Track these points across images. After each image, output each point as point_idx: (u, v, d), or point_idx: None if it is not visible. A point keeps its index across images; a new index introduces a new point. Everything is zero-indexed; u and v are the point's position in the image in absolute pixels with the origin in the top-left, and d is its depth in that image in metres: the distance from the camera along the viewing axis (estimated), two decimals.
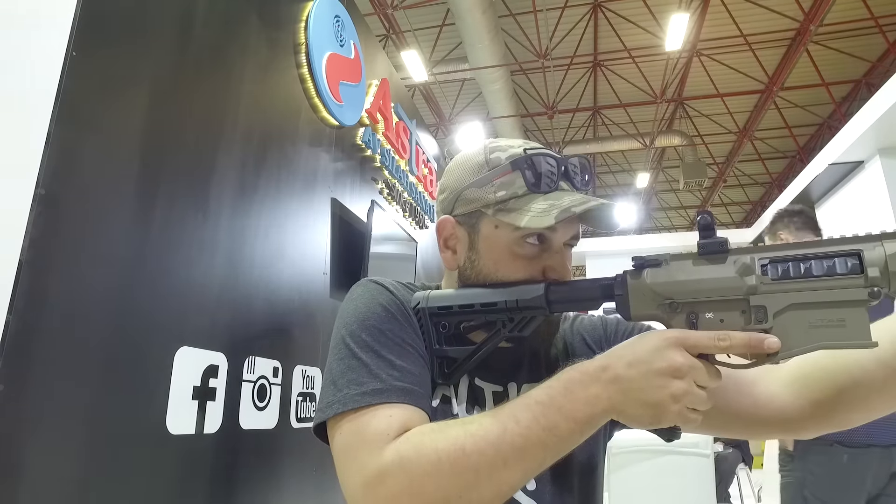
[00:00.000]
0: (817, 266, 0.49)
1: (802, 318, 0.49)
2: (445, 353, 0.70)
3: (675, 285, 0.54)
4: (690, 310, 0.53)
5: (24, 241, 1.09)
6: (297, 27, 2.29)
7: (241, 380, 1.67)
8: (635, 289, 0.56)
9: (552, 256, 0.72)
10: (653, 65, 9.48)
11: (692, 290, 0.53)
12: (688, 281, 0.54)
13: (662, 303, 0.54)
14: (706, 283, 0.53)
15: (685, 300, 0.54)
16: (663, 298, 0.54)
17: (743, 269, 0.52)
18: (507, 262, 0.72)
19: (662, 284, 0.55)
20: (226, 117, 1.78)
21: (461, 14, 7.19)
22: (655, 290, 0.55)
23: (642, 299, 0.56)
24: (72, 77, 1.20)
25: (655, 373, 0.52)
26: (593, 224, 0.75)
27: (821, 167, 5.28)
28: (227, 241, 1.70)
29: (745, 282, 0.52)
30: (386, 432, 0.59)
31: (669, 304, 0.54)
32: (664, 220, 16.27)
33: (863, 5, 7.85)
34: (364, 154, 2.90)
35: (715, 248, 0.54)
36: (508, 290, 0.67)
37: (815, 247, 0.50)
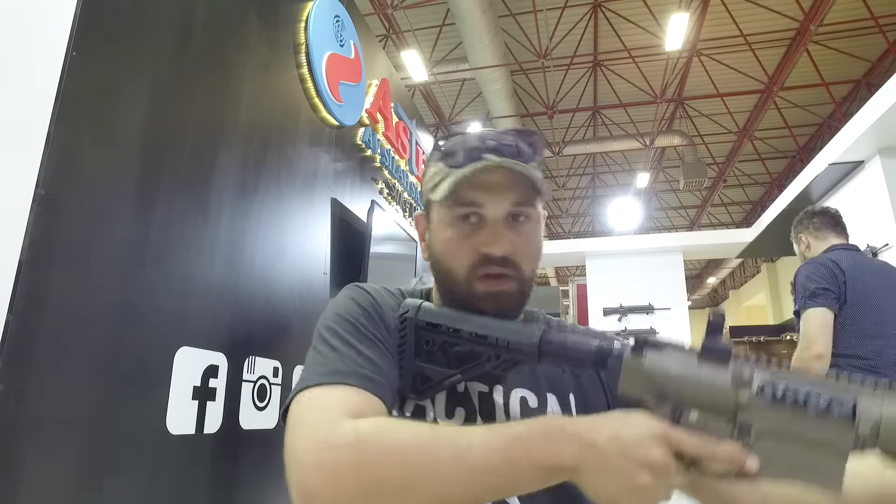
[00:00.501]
0: (813, 401, 0.49)
1: (783, 447, 0.49)
2: (422, 369, 0.69)
3: (671, 378, 0.53)
4: (677, 405, 0.53)
5: (24, 241, 1.09)
6: (297, 27, 2.29)
7: (241, 380, 1.67)
8: (630, 368, 0.55)
9: (484, 231, 0.71)
10: (653, 65, 9.49)
11: (686, 388, 0.52)
12: (684, 377, 0.53)
13: (652, 389, 0.54)
14: (702, 385, 0.52)
15: (676, 394, 0.53)
16: (655, 386, 0.53)
17: (740, 381, 0.51)
18: (447, 242, 0.74)
19: (659, 373, 0.54)
20: (226, 117, 1.78)
21: (461, 14, 7.19)
22: (650, 375, 0.54)
23: (633, 380, 0.55)
24: (72, 77, 1.20)
25: (633, 459, 0.51)
26: (521, 191, 0.72)
27: (821, 167, 5.28)
28: (228, 240, 1.70)
29: (738, 395, 0.51)
30: (339, 408, 0.60)
31: (659, 393, 0.53)
32: (664, 220, 16.27)
33: (863, 5, 7.85)
34: (364, 154, 2.90)
35: (718, 355, 0.53)
36: (504, 326, 0.66)
37: (821, 383, 0.50)
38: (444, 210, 0.74)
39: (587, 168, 13.80)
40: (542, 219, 0.78)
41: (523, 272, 0.73)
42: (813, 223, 2.36)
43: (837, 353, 2.02)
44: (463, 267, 0.72)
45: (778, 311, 15.34)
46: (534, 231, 0.75)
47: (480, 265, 0.71)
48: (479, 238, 0.71)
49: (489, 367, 0.66)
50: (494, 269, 0.71)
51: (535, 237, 0.75)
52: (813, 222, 2.37)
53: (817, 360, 1.93)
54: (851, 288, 2.05)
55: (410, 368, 0.69)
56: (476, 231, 0.72)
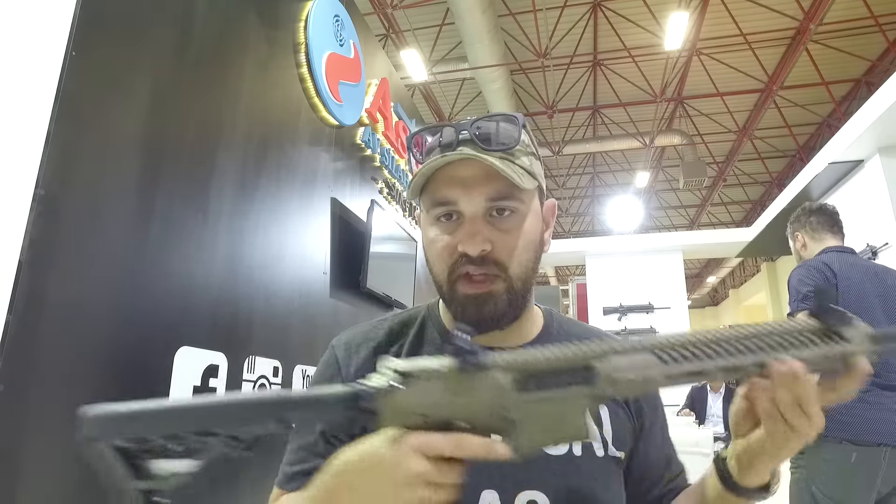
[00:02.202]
0: (560, 379, 0.54)
1: (544, 422, 0.54)
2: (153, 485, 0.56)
3: (431, 405, 0.54)
4: (447, 421, 0.54)
5: (24, 241, 1.09)
6: (297, 26, 2.29)
7: (241, 379, 1.67)
8: (390, 407, 0.54)
9: (463, 229, 0.67)
10: (652, 64, 9.48)
11: (447, 409, 0.54)
12: (442, 402, 0.54)
13: (418, 417, 0.54)
14: (461, 404, 0.54)
15: (441, 416, 0.54)
16: (418, 415, 0.54)
17: (497, 387, 0.54)
18: (430, 244, 0.71)
19: (419, 404, 0.54)
20: (225, 117, 1.77)
21: (461, 13, 7.19)
22: (411, 409, 0.54)
23: (398, 415, 0.54)
24: (71, 77, 1.20)
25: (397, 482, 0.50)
26: (497, 185, 0.66)
27: (821, 166, 5.28)
28: (228, 240, 1.70)
29: (499, 400, 0.54)
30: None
31: (424, 418, 0.54)
32: (664, 220, 16.27)
33: (862, 4, 7.85)
34: (364, 154, 2.90)
35: (472, 368, 0.54)
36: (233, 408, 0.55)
37: (562, 359, 0.54)
38: (425, 211, 0.71)
39: (587, 167, 13.80)
40: (534, 211, 0.72)
41: (510, 270, 0.67)
42: (810, 222, 2.35)
43: None
44: (444, 269, 0.69)
45: (778, 311, 15.34)
46: (521, 225, 0.69)
47: (460, 265, 0.67)
48: (458, 236, 0.67)
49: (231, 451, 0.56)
50: (472, 269, 0.66)
51: (525, 232, 0.69)
52: (810, 221, 2.35)
53: None
54: (843, 291, 2.06)
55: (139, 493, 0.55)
56: (456, 229, 0.68)
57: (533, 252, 0.71)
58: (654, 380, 0.53)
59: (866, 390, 1.93)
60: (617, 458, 0.69)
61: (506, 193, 0.67)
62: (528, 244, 0.70)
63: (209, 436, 0.54)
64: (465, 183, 0.67)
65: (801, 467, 2.03)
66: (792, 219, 2.44)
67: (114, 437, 0.54)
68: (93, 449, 0.53)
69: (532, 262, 0.71)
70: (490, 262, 0.66)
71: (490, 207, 0.67)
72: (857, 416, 1.91)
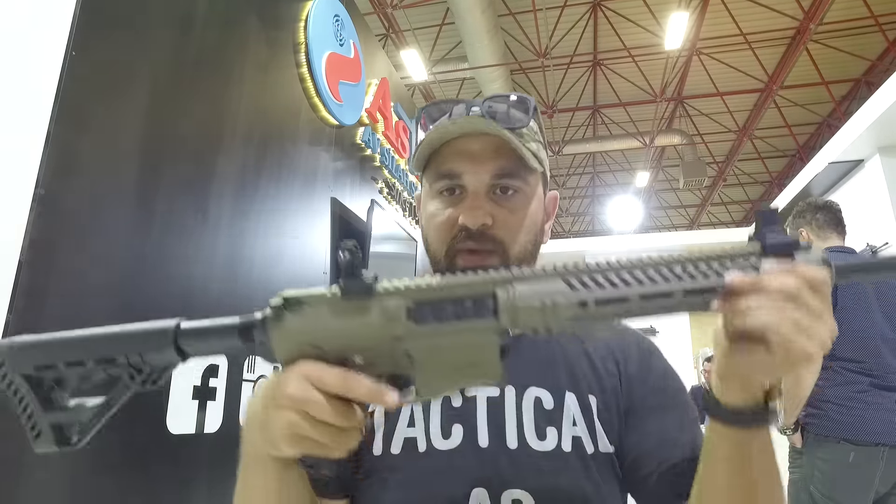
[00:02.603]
0: (458, 309, 0.50)
1: (443, 361, 0.50)
2: (60, 417, 0.56)
3: (321, 332, 0.51)
4: (341, 354, 0.51)
5: (23, 241, 1.09)
6: (297, 26, 2.29)
7: (241, 379, 1.67)
8: (280, 335, 0.52)
9: (464, 202, 0.66)
10: (652, 64, 9.48)
11: (337, 339, 0.51)
12: (331, 329, 0.51)
13: (310, 348, 0.51)
14: (351, 331, 0.51)
15: (333, 347, 0.51)
16: (310, 345, 0.51)
17: (388, 314, 0.50)
18: (429, 218, 0.69)
19: (308, 332, 0.51)
20: (225, 117, 1.77)
21: (461, 13, 7.19)
22: (301, 337, 0.51)
23: (289, 344, 0.52)
24: (71, 77, 1.20)
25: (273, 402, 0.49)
26: (505, 161, 0.66)
27: (821, 166, 5.28)
28: (227, 239, 1.70)
29: (390, 329, 0.50)
30: None
31: (318, 350, 0.51)
32: (664, 220, 16.27)
33: (862, 4, 7.85)
34: (364, 153, 2.90)
35: (358, 292, 0.51)
36: (129, 334, 0.56)
37: (462, 286, 0.50)
38: (427, 185, 0.71)
39: (587, 167, 13.79)
40: (538, 197, 0.71)
41: (509, 249, 0.66)
42: (816, 219, 2.25)
43: (829, 356, 2.02)
44: (442, 242, 0.67)
45: None
46: (524, 206, 0.68)
47: (459, 240, 0.66)
48: (459, 210, 0.66)
49: (136, 385, 0.56)
50: (471, 244, 0.65)
51: (527, 213, 0.68)
52: (816, 218, 2.26)
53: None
54: (842, 291, 2.05)
55: (46, 424, 0.56)
56: (457, 203, 0.67)
57: (534, 236, 0.70)
58: (561, 307, 0.48)
59: (864, 390, 1.93)
60: (609, 454, 0.65)
61: (512, 171, 0.66)
62: (530, 226, 0.68)
63: (111, 365, 0.54)
64: (472, 156, 0.66)
65: (800, 467, 2.03)
66: (795, 213, 2.36)
67: (21, 365, 0.55)
68: (4, 381, 0.55)
69: (532, 245, 0.69)
70: (490, 238, 0.65)
71: (494, 184, 0.66)
72: (855, 416, 1.91)
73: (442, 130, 0.66)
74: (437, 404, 0.67)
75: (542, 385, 0.67)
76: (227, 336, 0.55)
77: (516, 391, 0.66)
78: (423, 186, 0.73)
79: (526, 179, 0.68)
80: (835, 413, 1.93)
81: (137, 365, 0.55)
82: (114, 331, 0.56)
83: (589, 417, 0.66)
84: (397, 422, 0.66)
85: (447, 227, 0.67)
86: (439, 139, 0.67)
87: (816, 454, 1.97)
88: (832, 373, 1.95)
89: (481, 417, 0.65)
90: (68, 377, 0.56)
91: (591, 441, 0.65)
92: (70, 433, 0.56)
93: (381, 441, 0.66)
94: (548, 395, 0.66)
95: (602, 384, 0.68)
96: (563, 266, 0.50)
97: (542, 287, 0.49)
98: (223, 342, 0.55)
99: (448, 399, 0.67)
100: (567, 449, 0.64)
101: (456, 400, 0.66)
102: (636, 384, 0.69)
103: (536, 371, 0.68)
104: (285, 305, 0.52)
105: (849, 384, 1.95)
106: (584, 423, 0.65)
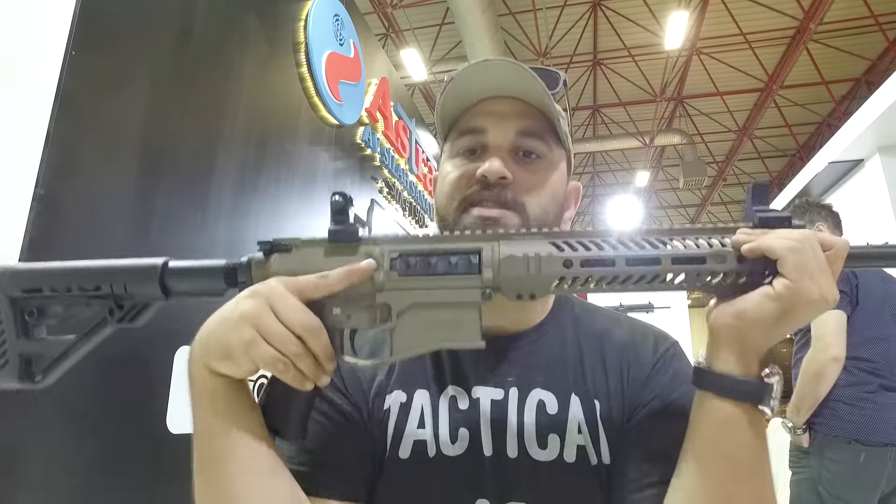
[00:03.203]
0: (442, 263, 0.49)
1: (423, 317, 0.49)
2: (31, 348, 0.55)
3: (303, 274, 0.50)
4: (319, 304, 0.49)
5: (23, 241, 1.09)
6: (297, 26, 2.29)
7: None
8: (263, 276, 0.51)
9: (483, 159, 0.63)
10: (652, 63, 9.47)
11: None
12: (314, 271, 0.50)
13: None
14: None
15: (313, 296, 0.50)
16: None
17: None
18: (445, 178, 0.66)
19: (290, 273, 0.50)
20: (225, 116, 1.77)
21: (461, 13, 7.18)
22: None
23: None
24: (71, 76, 1.20)
25: (231, 317, 0.49)
26: (530, 121, 0.63)
27: (820, 165, 5.28)
28: (227, 239, 1.70)
29: (372, 277, 0.49)
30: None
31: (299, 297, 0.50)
32: (664, 219, 16.27)
33: (863, 3, 7.84)
34: (364, 153, 2.90)
35: (345, 236, 0.51)
36: (118, 266, 0.56)
37: (447, 242, 0.50)
38: (449, 146, 0.68)
39: (587, 167, 13.79)
40: (561, 172, 0.67)
41: (528, 210, 0.62)
42: (832, 216, 2.21)
43: (848, 356, 2.01)
44: (455, 196, 0.64)
45: None
46: (546, 171, 0.64)
47: (475, 192, 0.62)
48: (478, 164, 0.63)
49: (114, 322, 0.56)
50: (487, 195, 0.61)
51: (549, 180, 0.64)
52: (832, 215, 2.22)
53: (833, 362, 1.93)
54: (863, 291, 2.05)
55: (15, 353, 0.55)
56: (476, 160, 0.64)
57: (555, 205, 0.65)
58: (545, 264, 0.47)
59: (874, 391, 1.93)
60: (609, 466, 0.61)
61: (537, 131, 0.64)
62: (550, 193, 0.65)
63: (96, 295, 0.54)
64: (497, 114, 0.64)
65: (807, 468, 2.02)
66: (808, 206, 2.27)
67: (9, 287, 0.55)
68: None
69: (553, 214, 0.65)
70: (508, 194, 0.61)
71: (518, 145, 0.64)
72: (867, 416, 1.91)
73: (467, 82, 0.63)
74: (445, 407, 0.63)
75: (548, 387, 0.64)
76: (213, 277, 0.55)
77: (520, 393, 0.63)
78: (443, 152, 0.70)
79: (550, 146, 0.65)
80: (845, 413, 1.93)
81: (120, 297, 0.55)
82: (102, 262, 0.56)
83: (593, 424, 0.62)
84: (406, 421, 0.63)
85: (463, 181, 0.64)
86: (466, 95, 0.65)
87: (826, 454, 1.96)
88: (845, 372, 1.95)
89: (485, 422, 0.62)
90: (51, 306, 0.56)
91: (595, 451, 0.61)
92: (36, 369, 0.55)
93: (390, 443, 0.62)
94: (552, 399, 0.63)
95: (609, 389, 0.64)
96: (553, 232, 0.50)
97: (528, 247, 0.49)
98: (208, 283, 0.55)
99: (455, 401, 0.64)
100: (570, 459, 0.60)
101: (462, 403, 0.63)
102: (641, 391, 0.64)
103: (544, 371, 0.65)
104: (273, 248, 0.53)
105: (860, 384, 1.95)
106: (588, 430, 0.62)
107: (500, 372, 0.65)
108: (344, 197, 0.51)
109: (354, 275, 0.49)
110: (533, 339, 0.67)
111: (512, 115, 0.64)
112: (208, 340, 0.51)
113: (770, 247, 0.47)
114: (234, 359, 0.49)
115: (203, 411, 0.52)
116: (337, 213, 0.51)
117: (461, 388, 0.64)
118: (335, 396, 0.63)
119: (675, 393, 0.62)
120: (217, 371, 0.51)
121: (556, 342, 0.67)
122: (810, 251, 0.47)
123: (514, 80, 0.62)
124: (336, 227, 0.51)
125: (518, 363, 0.65)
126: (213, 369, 0.51)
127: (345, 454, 0.61)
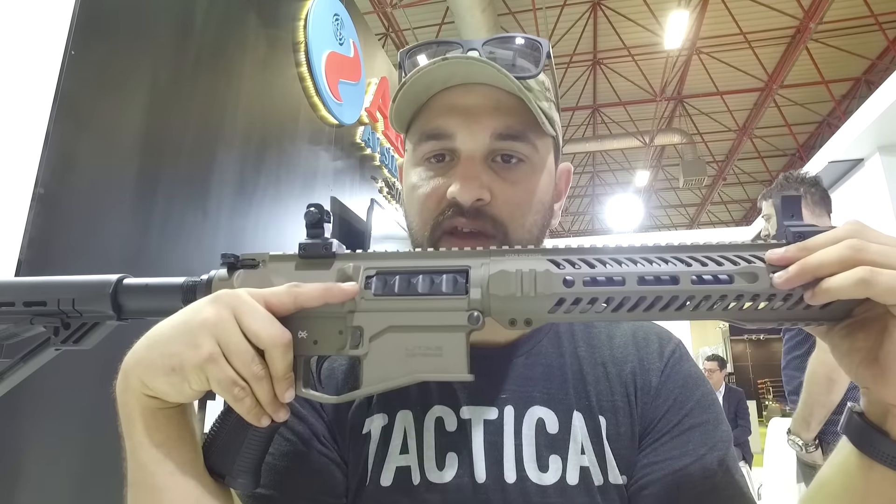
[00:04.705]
0: (424, 282, 0.43)
1: (400, 343, 0.42)
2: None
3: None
4: (286, 318, 0.44)
5: (23, 241, 1.08)
6: (296, 25, 2.29)
7: None
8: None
9: (455, 171, 0.53)
10: (652, 63, 9.47)
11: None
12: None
13: None
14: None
15: (280, 315, 0.44)
16: None
17: (344, 279, 0.44)
18: (410, 191, 0.57)
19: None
20: (225, 116, 1.77)
21: (460, 12, 7.18)
22: None
23: None
24: (70, 76, 1.20)
25: (189, 325, 0.42)
26: (508, 118, 0.53)
27: (820, 165, 5.28)
28: (227, 239, 1.70)
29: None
30: None
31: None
32: (664, 219, 16.26)
33: (863, 3, 7.85)
34: (363, 152, 2.90)
35: (318, 250, 0.46)
36: (63, 284, 0.52)
37: (431, 258, 0.44)
38: (411, 148, 0.58)
39: (587, 166, 13.79)
40: (549, 169, 0.58)
41: (510, 233, 0.53)
42: (811, 193, 1.93)
43: None
44: (426, 221, 0.55)
45: None
46: (530, 179, 0.55)
47: (447, 218, 0.53)
48: (448, 179, 0.53)
49: (58, 343, 0.51)
50: (462, 223, 0.52)
51: (534, 188, 0.55)
52: (811, 192, 1.93)
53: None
54: None
55: None
56: (446, 172, 0.54)
57: (542, 217, 0.56)
58: (542, 284, 0.40)
59: None
60: (620, 485, 0.55)
61: (517, 132, 0.53)
62: (537, 205, 0.55)
63: (41, 311, 0.51)
64: (466, 112, 0.53)
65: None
66: (782, 181, 1.99)
67: None
68: None
69: (539, 229, 0.56)
70: (486, 217, 0.53)
71: (495, 149, 0.53)
72: None
73: (427, 76, 0.52)
74: (431, 429, 0.56)
75: (547, 404, 0.57)
76: (170, 295, 0.51)
77: (516, 412, 0.56)
78: (406, 151, 0.60)
79: (534, 145, 0.55)
80: None
81: (68, 314, 0.51)
82: (52, 278, 0.53)
83: (598, 442, 0.56)
84: (389, 446, 0.56)
85: (433, 201, 0.54)
86: (424, 90, 0.54)
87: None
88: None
89: (478, 445, 0.55)
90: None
91: (601, 471, 0.55)
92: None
93: (371, 469, 0.55)
94: (552, 417, 0.56)
95: (615, 402, 0.58)
96: (549, 249, 0.44)
97: (523, 264, 0.42)
98: (165, 301, 0.51)
99: (441, 423, 0.56)
100: (572, 482, 0.54)
101: (450, 424, 0.56)
102: (653, 401, 0.58)
103: (542, 386, 0.58)
104: (238, 264, 0.49)
105: None
106: (593, 449, 0.55)
107: (493, 388, 0.57)
108: (319, 209, 0.45)
109: (333, 295, 0.43)
110: (527, 350, 0.60)
111: (484, 112, 0.53)
112: (152, 350, 0.44)
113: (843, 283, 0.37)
114: (184, 375, 0.42)
115: (135, 440, 0.47)
116: (312, 227, 0.46)
117: (448, 407, 0.57)
118: (308, 413, 0.57)
119: (690, 402, 0.58)
120: (153, 391, 0.44)
121: (554, 352, 0.60)
122: (866, 249, 0.38)
123: (482, 69, 0.52)
124: (308, 240, 0.46)
125: (513, 378, 0.58)
126: (148, 389, 0.44)
127: (314, 479, 0.55)
